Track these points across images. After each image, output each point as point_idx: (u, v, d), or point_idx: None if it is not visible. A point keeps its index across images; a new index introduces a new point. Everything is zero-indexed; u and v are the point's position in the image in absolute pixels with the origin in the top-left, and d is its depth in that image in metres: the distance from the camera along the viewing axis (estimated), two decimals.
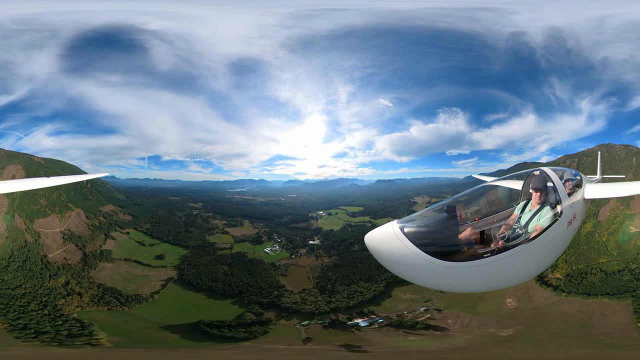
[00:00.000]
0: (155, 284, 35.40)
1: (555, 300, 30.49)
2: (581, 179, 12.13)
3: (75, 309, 30.91)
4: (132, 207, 43.52)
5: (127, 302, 32.90)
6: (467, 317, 31.18)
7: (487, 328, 30.28)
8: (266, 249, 42.01)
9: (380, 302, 35.55)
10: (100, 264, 35.82)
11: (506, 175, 11.41)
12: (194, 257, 39.54)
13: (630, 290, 28.18)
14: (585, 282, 30.43)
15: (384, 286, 36.70)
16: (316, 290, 37.80)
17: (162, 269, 37.32)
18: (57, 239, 35.65)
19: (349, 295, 36.87)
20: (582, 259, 32.34)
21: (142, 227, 41.51)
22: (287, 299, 36.24)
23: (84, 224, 38.39)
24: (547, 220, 9.62)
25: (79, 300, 31.58)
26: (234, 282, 37.79)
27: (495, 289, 9.65)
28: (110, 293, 33.16)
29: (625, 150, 39.42)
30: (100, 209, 41.01)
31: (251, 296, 36.28)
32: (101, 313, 31.51)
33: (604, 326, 28.01)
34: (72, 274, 33.47)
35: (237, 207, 46.78)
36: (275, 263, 40.37)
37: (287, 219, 45.34)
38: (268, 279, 38.33)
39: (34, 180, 22.91)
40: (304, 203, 47.08)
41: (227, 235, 43.05)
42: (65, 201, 38.61)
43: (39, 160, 40.06)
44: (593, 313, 29.03)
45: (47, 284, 31.91)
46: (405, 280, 8.88)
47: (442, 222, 9.15)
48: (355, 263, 39.78)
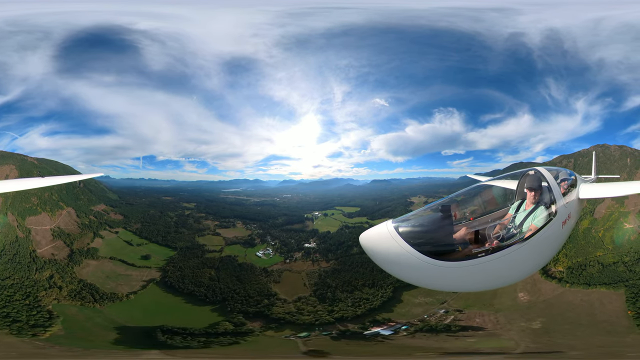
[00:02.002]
0: (135, 284, 34.67)
1: (561, 292, 32.00)
2: (576, 179, 12.13)
3: (52, 301, 31.62)
4: (124, 206, 43.15)
5: (101, 300, 32.63)
6: (491, 314, 31.03)
7: (517, 322, 30.38)
8: (258, 252, 40.39)
9: (391, 308, 33.79)
10: (85, 260, 35.63)
11: (501, 175, 11.39)
12: (181, 259, 38.37)
13: (623, 280, 30.60)
14: (584, 274, 32.36)
15: (392, 291, 34.72)
16: (314, 298, 35.37)
17: (146, 269, 36.49)
18: (47, 235, 35.93)
19: (354, 303, 34.68)
20: (580, 252, 33.97)
21: (132, 226, 40.86)
22: (280, 309, 34.20)
23: (74, 223, 38.22)
24: (542, 220, 9.60)
25: (57, 294, 32.21)
26: (219, 288, 36.07)
27: (490, 288, 9.64)
28: (88, 289, 33.09)
29: (620, 151, 39.67)
30: (92, 208, 40.70)
31: (235, 304, 34.33)
32: (73, 307, 31.82)
33: (603, 314, 29.86)
34: (57, 269, 33.88)
35: (230, 207, 45.88)
36: (268, 268, 38.30)
37: (282, 220, 44.28)
38: (258, 286, 36.39)
39: (29, 180, 23.02)
40: (299, 203, 46.64)
41: (218, 237, 41.58)
42: (56, 200, 38.52)
43: (32, 160, 39.87)
44: (594, 302, 30.86)
45: (33, 277, 32.73)
46: (401, 280, 8.87)
47: (437, 222, 9.09)
48: (355, 267, 37.71)
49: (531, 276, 30.07)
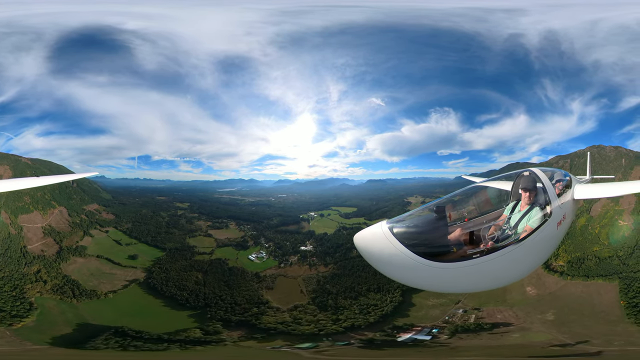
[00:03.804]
0: (117, 283, 34.76)
1: (563, 284, 33.36)
2: (571, 180, 12.09)
3: (35, 293, 32.18)
4: (117, 206, 42.97)
5: (79, 296, 32.91)
6: (508, 310, 31.60)
7: (534, 315, 31.21)
8: (251, 255, 38.92)
9: (406, 312, 32.62)
10: (73, 258, 35.91)
11: (496, 175, 11.35)
12: (168, 261, 37.58)
13: (617, 273, 32.47)
14: (583, 267, 33.91)
15: (400, 295, 33.39)
16: (313, 306, 33.13)
17: (131, 269, 36.34)
18: (38, 233, 36.32)
19: (362, 310, 32.80)
20: (579, 248, 35.16)
21: (123, 226, 40.71)
22: (271, 318, 32.12)
23: (65, 221, 38.39)
24: (537, 221, 9.53)
25: (42, 287, 32.74)
26: (203, 293, 34.49)
27: (485, 289, 9.58)
28: (70, 285, 33.42)
29: (615, 152, 39.95)
30: (84, 207, 40.64)
31: (218, 311, 32.71)
32: (53, 301, 32.31)
33: (601, 304, 31.49)
34: (45, 264, 34.35)
35: (224, 207, 45.40)
36: (260, 273, 36.42)
37: (277, 221, 43.37)
38: (248, 293, 34.45)
39: (25, 179, 23.22)
40: (294, 203, 46.29)
41: (210, 239, 40.66)
42: (48, 199, 38.65)
43: (26, 160, 39.91)
44: (592, 293, 32.51)
45: (22, 270, 33.28)
46: (395, 281, 8.80)
47: (432, 223, 9.03)
48: (357, 272, 35.77)
49: (535, 271, 30.52)
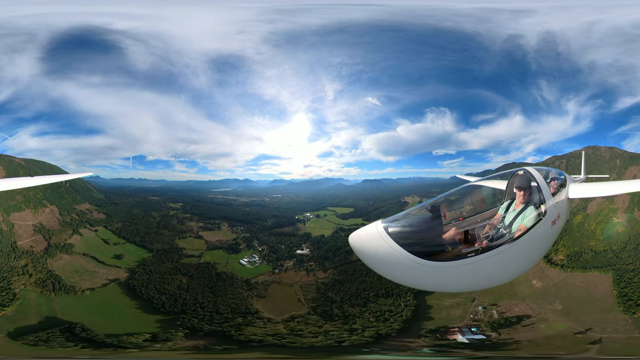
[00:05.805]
0: (97, 282, 34.46)
1: (564, 276, 34.76)
2: (565, 179, 12.13)
3: (20, 285, 32.86)
4: (109, 206, 42.77)
5: (59, 290, 33.22)
6: (521, 303, 32.44)
7: (545, 306, 32.26)
8: (243, 259, 36.84)
9: (428, 315, 30.97)
10: (59, 254, 35.96)
11: (491, 175, 11.36)
12: (154, 263, 36.44)
13: (611, 265, 34.21)
14: (581, 259, 35.34)
15: (414, 298, 31.51)
16: (315, 317, 30.63)
17: (115, 268, 35.86)
18: (29, 230, 36.78)
19: (377, 317, 30.58)
20: (576, 243, 36.41)
21: (113, 226, 40.31)
22: (259, 330, 29.64)
23: (56, 220, 38.53)
24: (531, 220, 9.53)
25: (27, 280, 33.41)
26: (184, 298, 32.78)
27: (480, 288, 9.60)
28: (52, 279, 33.87)
29: (610, 152, 40.27)
30: (75, 207, 40.63)
31: (192, 319, 30.84)
32: (34, 293, 32.93)
33: (597, 294, 33.07)
34: (32, 259, 34.77)
35: (217, 208, 44.23)
36: (251, 280, 34.19)
37: (271, 222, 41.99)
38: (235, 301, 32.37)
39: (20, 179, 23.41)
40: (289, 204, 45.92)
41: (200, 240, 39.07)
42: (40, 198, 38.84)
43: (19, 161, 39.92)
44: (590, 283, 34.05)
45: (11, 263, 33.92)
46: (391, 280, 8.80)
47: (427, 222, 9.03)
48: (360, 277, 33.57)
49: (538, 264, 33.02)
